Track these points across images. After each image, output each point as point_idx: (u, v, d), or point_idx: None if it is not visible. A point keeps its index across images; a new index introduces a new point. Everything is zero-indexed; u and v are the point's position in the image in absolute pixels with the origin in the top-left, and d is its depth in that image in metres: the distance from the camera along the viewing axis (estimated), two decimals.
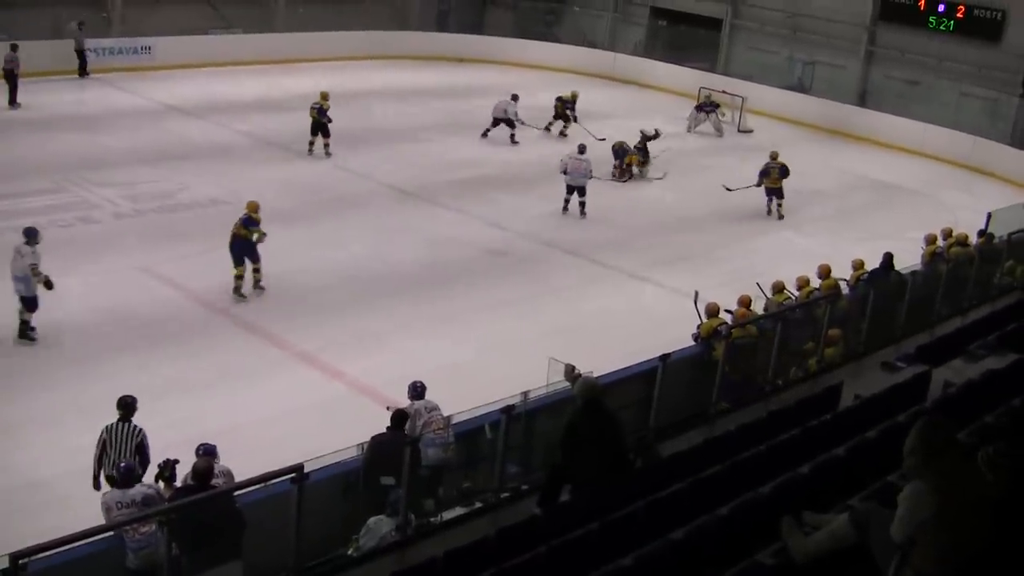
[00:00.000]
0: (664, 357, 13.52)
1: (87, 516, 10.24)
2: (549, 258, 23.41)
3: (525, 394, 12.41)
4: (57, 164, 25.86)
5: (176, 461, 11.44)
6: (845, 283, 18.63)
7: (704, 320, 16.16)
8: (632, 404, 13.64)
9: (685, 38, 44.99)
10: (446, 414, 12.80)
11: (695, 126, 37.15)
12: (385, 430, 12.13)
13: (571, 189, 26.43)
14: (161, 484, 11.24)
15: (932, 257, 20.48)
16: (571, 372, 12.92)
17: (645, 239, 25.05)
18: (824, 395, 12.66)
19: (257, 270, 19.83)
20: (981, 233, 22.07)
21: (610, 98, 38.73)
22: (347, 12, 42.37)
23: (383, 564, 10.07)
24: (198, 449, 11.46)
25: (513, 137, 32.83)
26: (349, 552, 10.95)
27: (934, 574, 6.02)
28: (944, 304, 18.72)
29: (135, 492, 10.71)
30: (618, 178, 29.53)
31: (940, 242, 21.41)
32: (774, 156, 27.89)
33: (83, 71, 34.40)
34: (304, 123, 29.07)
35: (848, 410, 11.81)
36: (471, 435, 12.81)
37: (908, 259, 19.63)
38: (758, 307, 17.30)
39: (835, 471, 8.92)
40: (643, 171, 30.20)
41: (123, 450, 12.24)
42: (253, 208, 19.85)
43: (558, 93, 34.77)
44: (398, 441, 11.58)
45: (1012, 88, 36.45)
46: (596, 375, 11.83)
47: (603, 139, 31.39)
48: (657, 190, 28.98)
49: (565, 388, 12.48)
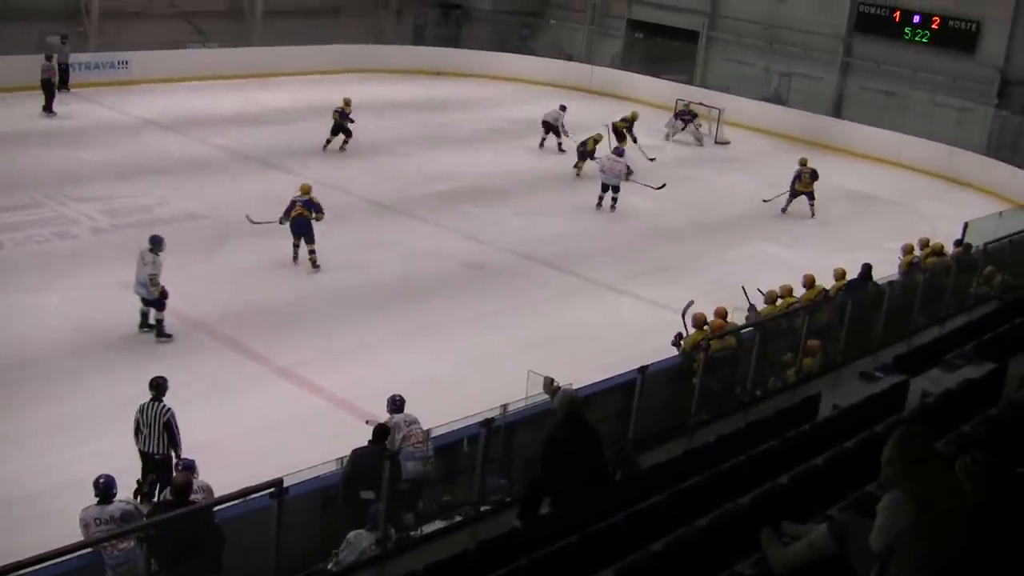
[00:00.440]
0: (643, 369, 13.53)
1: (65, 533, 10.16)
2: (527, 271, 23.40)
3: (504, 407, 12.40)
4: (34, 179, 25.74)
5: (155, 476, 11.41)
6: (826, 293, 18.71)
7: (690, 332, 16.13)
8: (611, 416, 13.64)
9: (662, 50, 45.10)
10: (425, 427, 12.79)
11: (673, 134, 37.24)
12: (367, 443, 12.12)
13: (605, 187, 28.14)
14: (140, 500, 11.21)
15: (909, 267, 20.58)
16: (550, 385, 12.94)
17: (623, 251, 25.08)
18: (802, 405, 12.69)
19: (312, 251, 21.86)
20: (958, 243, 22.17)
21: (587, 110, 38.67)
22: (324, 26, 42.37)
23: None
24: (177, 464, 11.44)
25: (560, 146, 33.55)
26: (329, 567, 10.93)
27: None
28: (921, 314, 18.79)
29: (113, 508, 10.67)
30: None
31: (917, 252, 21.51)
32: (803, 162, 29.50)
33: (65, 85, 34.28)
34: (282, 136, 29.07)
35: (826, 420, 11.84)
36: (450, 448, 12.80)
37: (885, 269, 19.74)
38: (739, 316, 17.34)
39: (814, 481, 8.95)
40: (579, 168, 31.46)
41: (153, 428, 12.96)
42: (307, 190, 22.20)
43: (619, 117, 34.61)
44: (378, 455, 11.57)
45: (987, 98, 36.74)
46: (575, 387, 11.84)
47: (653, 159, 32.24)
48: (638, 200, 29.00)
49: (544, 401, 12.49)
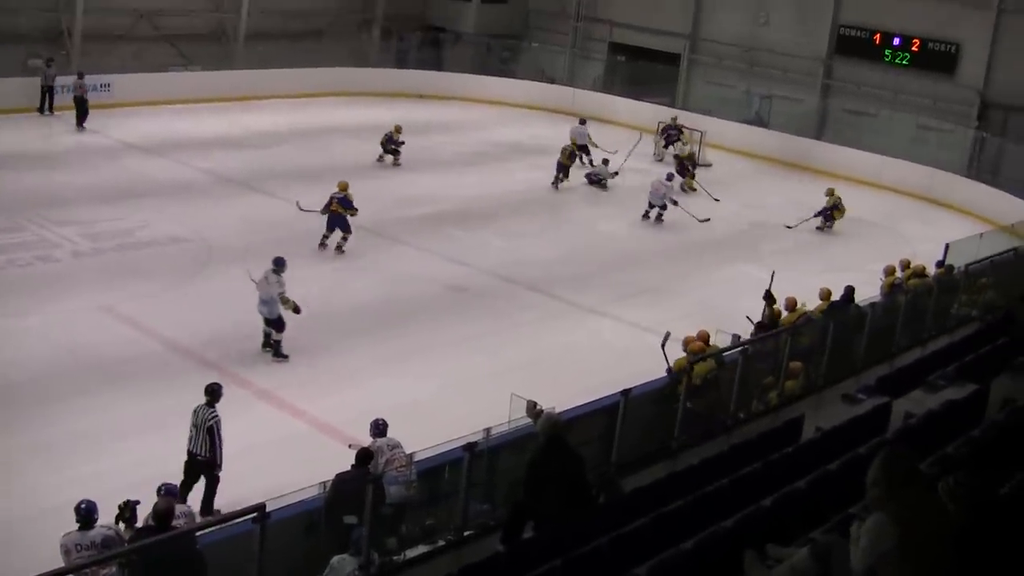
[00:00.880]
0: (626, 392, 13.51)
1: (46, 558, 10.10)
2: (510, 294, 23.40)
3: (487, 431, 12.38)
4: (15, 202, 25.61)
5: (137, 502, 11.33)
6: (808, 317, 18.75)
7: (671, 363, 16.08)
8: (594, 439, 13.62)
9: (644, 73, 45.24)
10: (408, 451, 12.77)
11: (661, 158, 37.38)
12: (350, 468, 12.09)
13: (651, 205, 29.65)
14: (121, 525, 11.14)
15: (891, 288, 20.64)
16: (533, 408, 12.92)
17: (605, 273, 25.09)
18: (785, 428, 12.70)
19: (344, 239, 24.43)
20: (939, 264, 22.26)
21: (568, 133, 38.70)
22: (307, 49, 42.35)
23: None
24: (159, 489, 11.40)
25: (591, 162, 34.33)
26: None
27: None
28: (904, 335, 18.83)
29: (95, 534, 10.60)
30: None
31: (899, 273, 21.59)
32: (830, 192, 30.67)
33: (50, 108, 34.29)
34: (265, 159, 29.08)
35: (809, 442, 11.86)
36: (433, 472, 12.77)
37: (868, 291, 19.76)
38: (722, 339, 17.34)
39: (797, 504, 8.95)
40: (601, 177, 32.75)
41: (200, 431, 13.57)
42: (344, 187, 24.50)
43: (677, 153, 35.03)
44: (360, 479, 11.54)
45: (967, 120, 36.97)
46: (558, 410, 11.83)
47: (717, 200, 32.00)
48: (619, 223, 29.07)
49: (527, 424, 12.47)
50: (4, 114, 32.82)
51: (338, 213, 24.16)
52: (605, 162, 33.57)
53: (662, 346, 16.29)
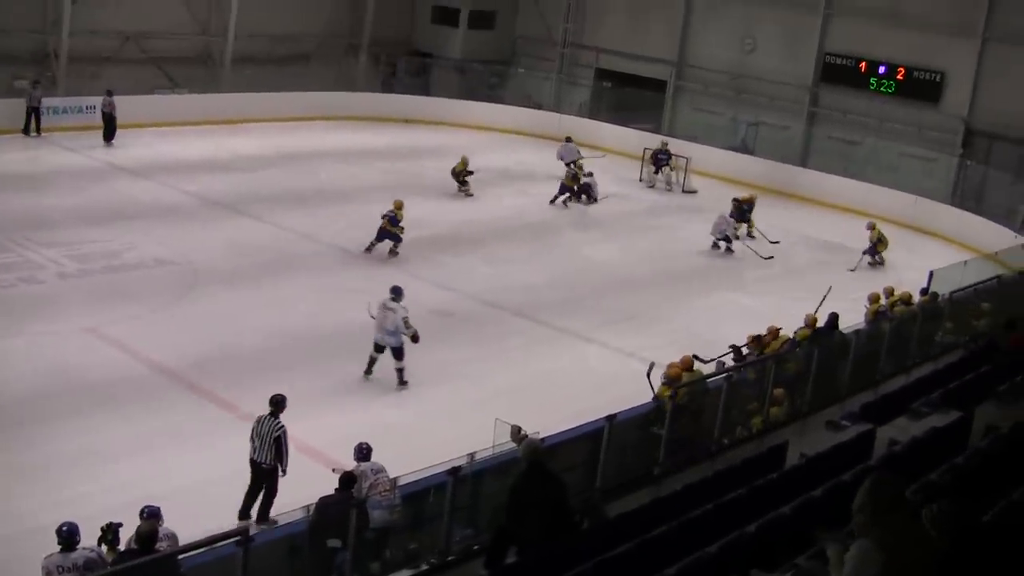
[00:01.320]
0: (610, 417, 13.52)
1: None
2: (496, 319, 23.41)
3: (471, 455, 12.39)
4: (0, 224, 25.59)
5: (119, 524, 11.31)
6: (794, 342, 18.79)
7: (656, 391, 16.08)
8: (578, 465, 13.62)
9: (630, 99, 45.35)
10: (392, 476, 12.76)
11: (651, 184, 37.66)
12: (333, 492, 12.07)
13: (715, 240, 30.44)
14: (104, 548, 11.10)
15: (875, 315, 20.70)
16: (517, 433, 12.95)
17: (591, 300, 25.10)
18: (769, 454, 12.71)
19: (392, 249, 26.37)
20: (924, 291, 22.31)
21: (553, 159, 38.77)
22: (294, 73, 42.38)
23: None
24: (142, 511, 11.35)
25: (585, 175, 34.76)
26: None
27: None
28: (888, 362, 18.89)
29: (77, 556, 10.57)
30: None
31: (883, 300, 21.65)
32: (872, 226, 30.48)
33: (36, 129, 34.28)
34: (252, 183, 29.12)
35: (794, 469, 11.86)
36: (417, 497, 12.75)
37: (852, 318, 19.81)
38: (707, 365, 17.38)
39: (781, 530, 8.95)
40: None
41: (264, 440, 14.10)
42: (399, 205, 26.58)
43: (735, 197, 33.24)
44: (344, 503, 11.53)
45: (951, 148, 37.11)
46: (542, 436, 11.84)
47: (776, 242, 31.43)
48: (605, 249, 29.13)
49: (512, 449, 12.48)
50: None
51: (385, 229, 26.14)
52: (590, 174, 34.31)
53: (648, 375, 16.32)
